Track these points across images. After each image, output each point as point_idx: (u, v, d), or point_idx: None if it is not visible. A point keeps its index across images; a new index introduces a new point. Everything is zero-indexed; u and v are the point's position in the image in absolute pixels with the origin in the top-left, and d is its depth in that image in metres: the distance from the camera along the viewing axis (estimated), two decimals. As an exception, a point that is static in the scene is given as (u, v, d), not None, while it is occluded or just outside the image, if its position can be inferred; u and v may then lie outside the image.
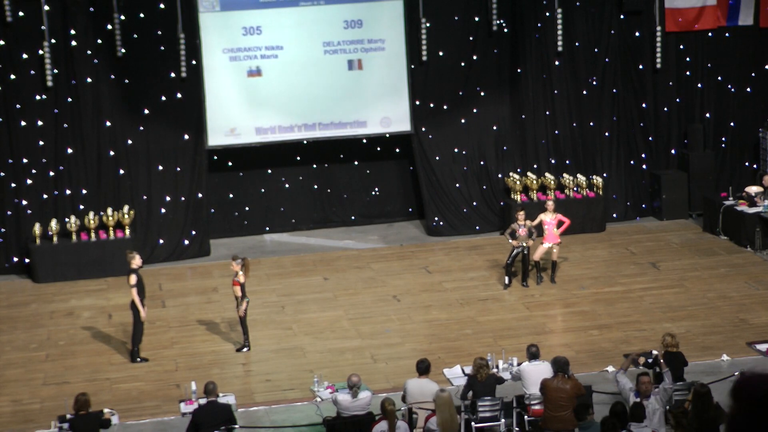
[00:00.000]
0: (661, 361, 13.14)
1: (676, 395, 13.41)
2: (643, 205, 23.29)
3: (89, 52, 20.88)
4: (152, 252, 21.33)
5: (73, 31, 20.75)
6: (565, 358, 13.29)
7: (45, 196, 21.08)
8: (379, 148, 22.99)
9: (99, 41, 20.89)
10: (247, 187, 22.80)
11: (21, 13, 20.56)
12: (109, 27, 20.79)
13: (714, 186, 22.92)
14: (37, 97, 20.80)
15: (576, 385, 13.05)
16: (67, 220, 20.76)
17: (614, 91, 22.86)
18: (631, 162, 23.20)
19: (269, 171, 22.85)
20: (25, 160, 20.96)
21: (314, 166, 22.93)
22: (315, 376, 15.41)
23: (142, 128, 21.37)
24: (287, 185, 22.92)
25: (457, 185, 22.64)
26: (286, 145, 22.32)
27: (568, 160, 22.84)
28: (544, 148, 22.78)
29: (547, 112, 22.70)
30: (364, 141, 22.75)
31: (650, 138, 23.18)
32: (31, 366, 16.77)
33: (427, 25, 21.98)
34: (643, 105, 23.04)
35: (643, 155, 23.21)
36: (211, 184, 22.23)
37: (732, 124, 23.40)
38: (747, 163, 23.50)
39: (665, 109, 23.14)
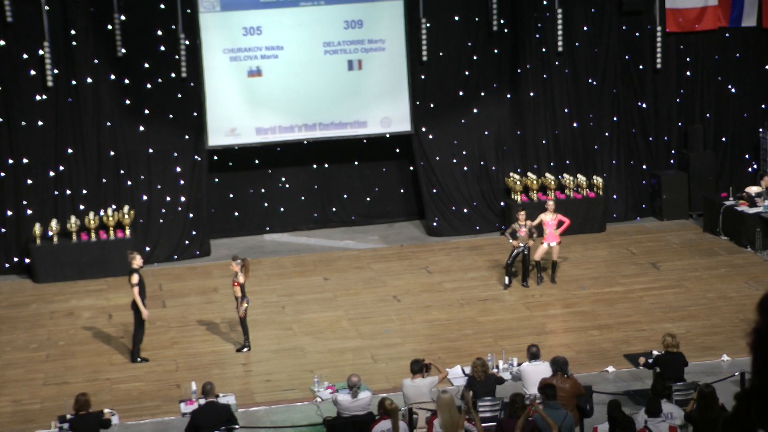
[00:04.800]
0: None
1: (676, 395, 13.40)
2: (643, 206, 23.28)
3: (89, 52, 20.88)
4: (152, 252, 21.32)
5: (73, 31, 20.75)
6: (564, 358, 13.29)
7: (45, 197, 21.07)
8: (379, 148, 22.99)
9: (99, 41, 20.89)
10: (247, 187, 22.79)
11: (21, 13, 20.55)
12: (109, 27, 20.79)
13: (714, 186, 22.91)
14: (37, 97, 20.79)
15: (575, 384, 13.05)
16: (67, 220, 20.75)
17: (614, 91, 22.86)
18: (631, 162, 23.20)
19: (269, 171, 22.85)
20: (25, 160, 20.95)
21: (314, 166, 22.93)
22: (315, 377, 15.41)
23: (142, 128, 21.37)
24: (287, 185, 22.91)
25: (457, 185, 22.64)
26: (287, 145, 22.33)
27: (568, 160, 22.84)
28: (544, 148, 22.78)
29: (547, 112, 22.70)
30: (364, 141, 22.75)
31: (650, 138, 23.17)
32: (32, 366, 16.77)
33: (428, 25, 21.98)
34: (643, 105, 23.04)
35: (643, 155, 23.20)
36: (211, 184, 22.24)
37: (732, 124, 23.40)
38: (747, 164, 23.49)
39: (665, 109, 23.13)
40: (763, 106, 23.33)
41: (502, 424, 12.25)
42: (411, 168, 23.06)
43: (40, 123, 20.89)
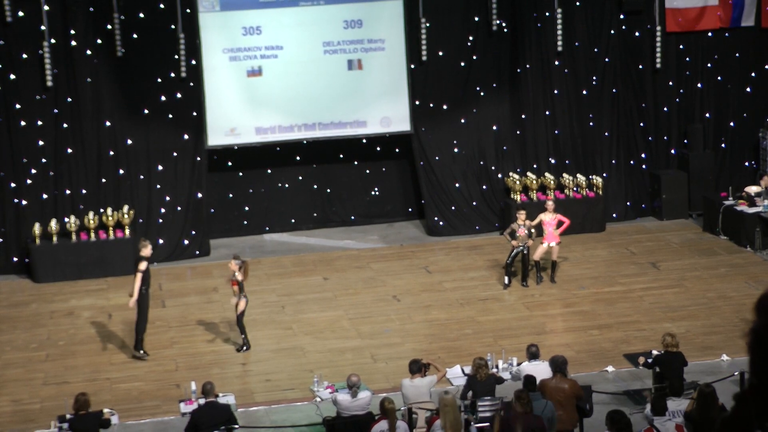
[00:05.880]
0: None
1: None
2: (643, 205, 23.29)
3: (89, 52, 20.88)
4: (152, 252, 21.27)
5: (73, 31, 20.75)
6: (562, 357, 13.25)
7: (45, 196, 21.08)
8: (378, 148, 23.00)
9: (99, 41, 20.89)
10: (247, 187, 22.80)
11: (21, 13, 20.55)
12: (109, 27, 20.79)
13: (714, 186, 22.92)
14: (37, 97, 20.80)
15: (574, 385, 13.04)
16: (66, 219, 20.76)
17: (614, 91, 22.86)
18: (631, 162, 23.21)
19: (269, 171, 22.86)
20: (25, 160, 20.96)
21: (314, 166, 22.93)
22: (315, 376, 15.42)
23: (141, 128, 21.37)
24: (287, 185, 22.92)
25: (457, 185, 22.65)
26: (286, 144, 22.33)
27: (567, 159, 22.84)
28: (544, 148, 22.78)
29: (547, 112, 22.70)
30: (364, 141, 22.76)
31: (650, 138, 23.18)
32: (31, 366, 16.78)
33: (427, 25, 21.99)
34: (643, 105, 23.05)
35: (643, 155, 23.22)
36: (211, 184, 22.24)
37: (732, 124, 23.40)
38: (747, 163, 23.50)
39: (665, 109, 23.14)
40: (763, 106, 23.32)
41: (509, 420, 12.22)
42: (411, 168, 23.07)
43: (39, 123, 20.89)
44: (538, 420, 11.86)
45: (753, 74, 23.24)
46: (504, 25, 22.32)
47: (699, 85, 23.20)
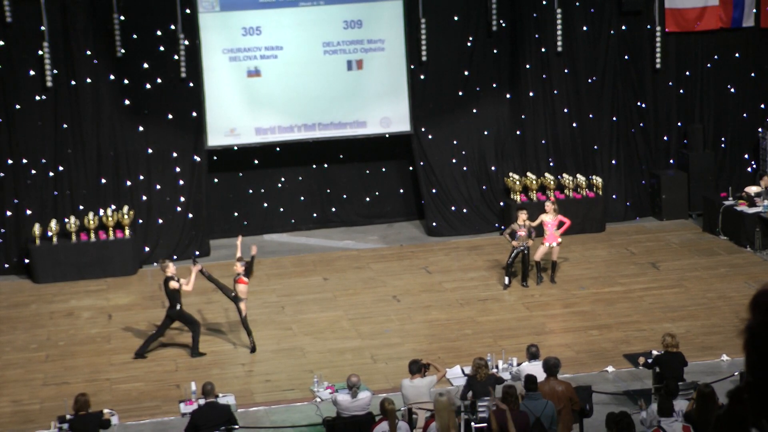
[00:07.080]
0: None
1: (680, 395, 13.38)
2: (643, 205, 23.26)
3: (89, 52, 20.88)
4: (152, 252, 21.32)
5: (72, 31, 20.74)
6: (554, 360, 13.19)
7: (45, 197, 21.07)
8: (378, 149, 22.99)
9: (99, 41, 20.89)
10: (246, 188, 22.80)
11: (21, 13, 20.54)
12: (109, 27, 20.79)
13: (714, 186, 22.92)
14: (37, 98, 20.79)
15: (568, 386, 13.03)
16: (66, 220, 20.75)
17: (614, 91, 22.86)
18: (631, 162, 23.20)
19: (269, 171, 22.85)
20: (24, 161, 20.95)
21: (314, 166, 22.93)
22: (315, 377, 15.42)
23: (141, 128, 21.37)
24: (287, 185, 22.92)
25: (457, 185, 22.64)
26: (286, 145, 22.33)
27: (567, 160, 22.84)
28: (544, 148, 22.78)
29: (547, 112, 22.69)
30: (364, 141, 22.74)
31: (650, 138, 23.17)
32: (31, 366, 16.78)
33: (427, 25, 21.98)
34: (643, 105, 23.04)
35: (642, 155, 23.21)
36: (210, 184, 22.24)
37: (732, 124, 23.40)
38: (746, 164, 23.50)
39: (665, 109, 23.14)
40: (762, 106, 23.33)
41: (494, 414, 12.23)
42: (410, 168, 23.07)
43: (39, 123, 20.88)
44: (523, 416, 11.88)
45: (753, 74, 23.25)
46: (504, 25, 22.32)
47: (699, 85, 23.19)
